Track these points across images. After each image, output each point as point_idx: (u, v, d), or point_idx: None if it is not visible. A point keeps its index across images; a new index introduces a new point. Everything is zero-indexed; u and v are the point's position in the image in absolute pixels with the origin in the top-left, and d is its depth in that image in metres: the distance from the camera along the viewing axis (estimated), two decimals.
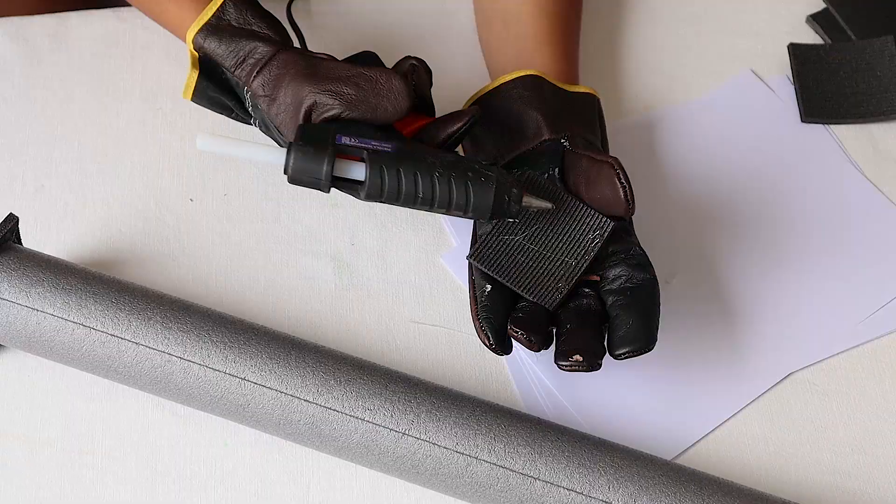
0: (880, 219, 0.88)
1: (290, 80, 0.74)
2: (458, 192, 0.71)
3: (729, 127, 0.92)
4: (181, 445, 0.77)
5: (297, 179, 0.71)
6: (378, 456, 0.72)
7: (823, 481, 0.77)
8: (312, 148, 0.70)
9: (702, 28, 0.97)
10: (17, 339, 0.75)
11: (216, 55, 0.76)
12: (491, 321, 0.73)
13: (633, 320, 0.73)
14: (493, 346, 0.73)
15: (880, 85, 0.93)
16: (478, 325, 0.74)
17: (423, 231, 0.86)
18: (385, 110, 0.73)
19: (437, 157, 0.72)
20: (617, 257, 0.76)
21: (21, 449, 0.76)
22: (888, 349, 0.83)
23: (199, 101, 0.79)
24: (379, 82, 0.73)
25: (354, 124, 0.73)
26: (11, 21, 0.93)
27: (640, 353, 0.72)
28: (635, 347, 0.72)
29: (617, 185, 0.74)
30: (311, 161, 0.70)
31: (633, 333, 0.72)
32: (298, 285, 0.83)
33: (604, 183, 0.75)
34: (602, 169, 0.75)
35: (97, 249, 0.84)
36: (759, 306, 0.83)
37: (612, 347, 0.73)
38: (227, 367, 0.73)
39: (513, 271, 0.75)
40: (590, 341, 0.73)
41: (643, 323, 0.73)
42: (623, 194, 0.74)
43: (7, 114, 0.89)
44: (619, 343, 0.72)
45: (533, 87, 0.82)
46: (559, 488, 0.70)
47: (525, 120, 0.81)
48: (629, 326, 0.72)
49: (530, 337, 0.72)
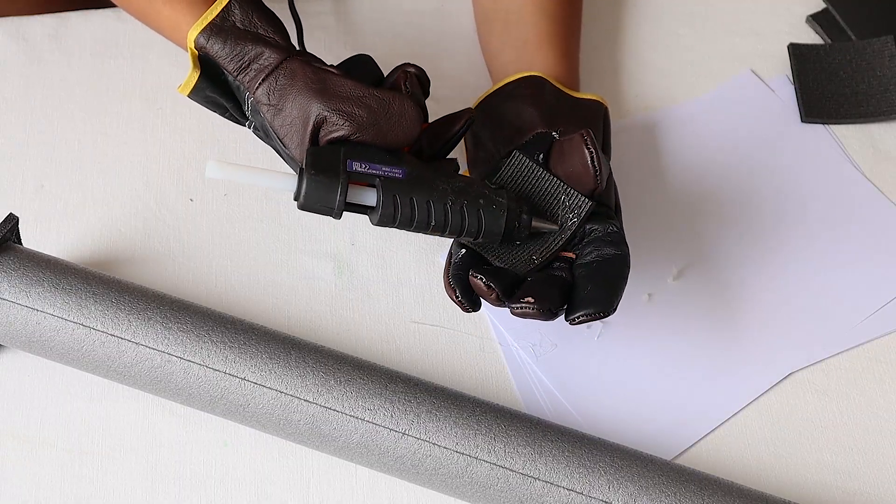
0: (880, 219, 0.88)
1: (298, 93, 0.73)
2: (470, 220, 0.71)
3: (729, 127, 0.92)
4: (181, 445, 0.77)
5: (309, 207, 0.70)
6: (378, 456, 0.72)
7: (823, 481, 0.77)
8: (324, 177, 0.69)
9: (702, 28, 0.97)
10: (17, 339, 0.75)
11: (218, 57, 0.75)
12: (460, 277, 0.73)
13: (591, 286, 0.72)
14: (460, 301, 0.72)
15: (880, 85, 0.93)
16: (447, 281, 0.73)
17: None
18: (395, 136, 0.72)
19: (448, 184, 0.71)
20: (594, 235, 0.75)
21: (21, 449, 0.76)
22: (888, 349, 0.83)
23: (195, 97, 0.78)
24: (392, 107, 0.72)
25: (363, 147, 0.72)
26: (11, 21, 0.93)
27: (595, 317, 0.71)
28: (591, 310, 0.71)
29: (585, 155, 0.73)
30: (323, 190, 0.69)
31: (590, 297, 0.71)
32: (298, 285, 0.83)
33: (575, 155, 0.74)
34: (573, 141, 0.75)
35: (97, 249, 0.84)
36: (758, 306, 0.83)
37: (569, 312, 0.72)
38: (227, 367, 0.73)
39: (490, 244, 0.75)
40: (546, 290, 0.71)
41: (602, 289, 0.71)
42: (589, 160, 0.73)
43: (7, 114, 0.89)
44: (575, 306, 0.71)
45: (534, 87, 0.82)
46: (559, 488, 0.70)
47: (522, 115, 0.81)
48: (587, 291, 0.71)
49: (490, 283, 0.71)
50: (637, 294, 0.83)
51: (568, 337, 0.81)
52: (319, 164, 0.69)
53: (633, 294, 0.83)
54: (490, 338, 0.82)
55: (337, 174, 0.69)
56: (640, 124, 0.92)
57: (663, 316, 0.83)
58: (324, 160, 0.70)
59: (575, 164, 0.75)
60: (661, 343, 0.82)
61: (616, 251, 0.73)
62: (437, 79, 0.92)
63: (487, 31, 0.90)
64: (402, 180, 0.70)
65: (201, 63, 0.76)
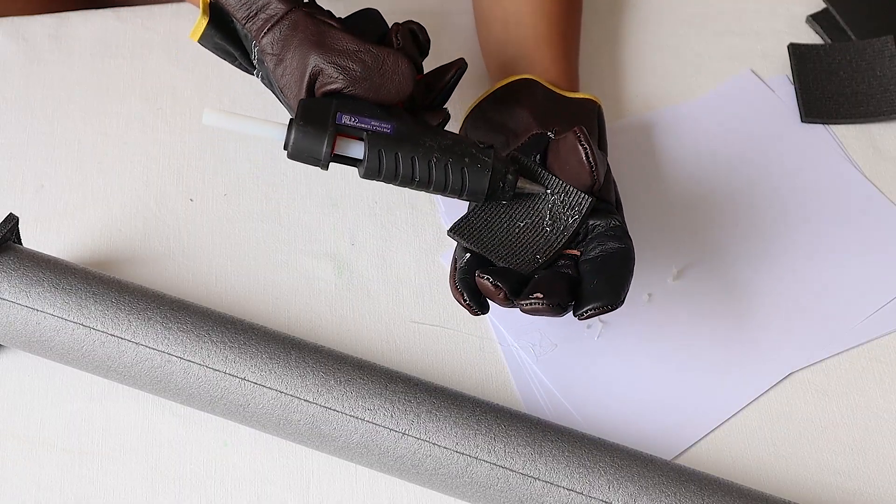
0: (880, 219, 0.88)
1: (299, 44, 0.74)
2: (454, 177, 0.72)
3: (729, 127, 0.92)
4: (181, 445, 0.77)
5: (297, 157, 0.71)
6: (378, 456, 0.72)
7: (823, 481, 0.77)
8: (312, 128, 0.71)
9: (702, 28, 0.97)
10: (17, 339, 0.75)
11: (228, 4, 0.75)
12: (467, 282, 0.72)
13: (597, 280, 0.71)
14: (468, 304, 0.72)
15: (880, 85, 0.93)
16: (454, 286, 0.73)
17: (423, 231, 0.86)
18: (388, 91, 0.73)
19: (435, 140, 0.72)
20: (597, 231, 0.75)
21: (21, 449, 0.76)
22: (888, 349, 0.83)
23: (205, 44, 0.78)
24: (386, 63, 0.73)
25: (355, 101, 0.73)
26: (11, 21, 0.93)
27: (604, 310, 0.70)
28: (599, 303, 0.70)
29: (580, 152, 0.73)
30: (311, 141, 0.71)
31: (597, 291, 0.71)
32: (298, 285, 0.83)
33: (570, 153, 0.74)
34: (567, 139, 0.75)
35: (97, 249, 0.84)
36: (758, 306, 0.83)
37: (577, 307, 0.71)
38: (227, 367, 0.73)
39: (492, 244, 0.74)
40: (554, 285, 0.71)
41: (609, 282, 0.71)
42: (584, 156, 0.73)
43: (7, 114, 0.89)
44: (583, 301, 0.71)
45: (525, 89, 0.82)
46: (559, 488, 0.70)
47: (515, 118, 0.81)
48: (594, 285, 0.71)
49: (497, 282, 0.71)
50: (637, 294, 0.83)
51: (568, 337, 0.81)
52: (309, 116, 0.71)
53: (633, 294, 0.83)
54: (490, 338, 0.82)
55: (325, 126, 0.71)
56: (640, 124, 0.92)
57: (663, 316, 0.83)
58: (315, 112, 0.72)
59: (571, 162, 0.75)
60: (662, 343, 0.82)
61: (620, 245, 0.73)
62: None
63: (486, 33, 0.90)
64: (390, 136, 0.72)
65: (211, 10, 0.76)
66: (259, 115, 0.81)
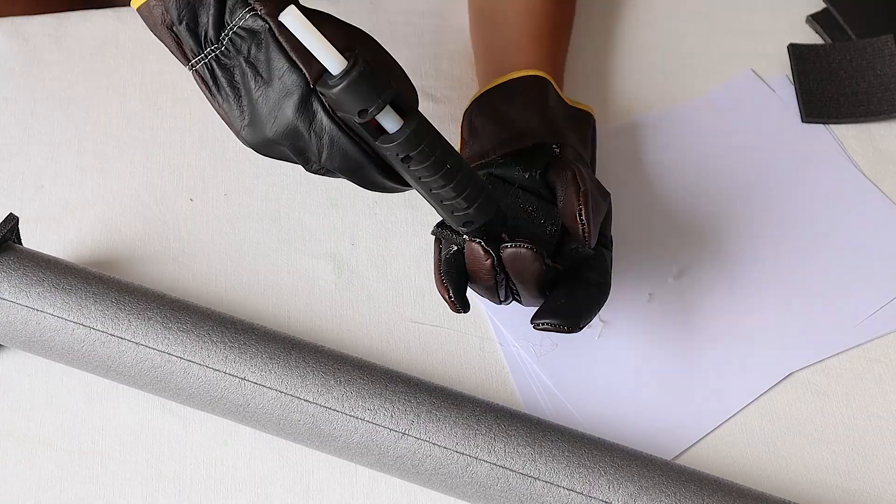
0: (880, 219, 0.88)
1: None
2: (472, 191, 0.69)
3: (729, 127, 0.92)
4: (181, 445, 0.77)
5: (346, 94, 0.63)
6: (378, 456, 0.72)
7: (823, 481, 0.77)
8: (377, 78, 0.64)
9: (702, 28, 0.97)
10: (17, 339, 0.75)
11: None
12: (452, 276, 0.73)
13: (566, 300, 0.72)
14: (453, 301, 0.72)
15: (881, 84, 0.93)
16: (439, 280, 0.73)
17: (423, 231, 0.86)
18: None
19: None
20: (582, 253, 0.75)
21: (21, 449, 0.76)
22: (888, 349, 0.83)
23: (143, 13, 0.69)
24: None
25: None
26: (11, 21, 0.93)
27: (559, 330, 0.71)
28: (556, 322, 0.71)
29: (577, 218, 0.73)
30: (369, 86, 0.63)
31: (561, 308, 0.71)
32: (298, 285, 0.83)
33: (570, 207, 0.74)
34: (570, 196, 0.74)
35: (97, 249, 0.84)
36: (759, 306, 0.83)
37: (537, 315, 0.72)
38: (227, 367, 0.73)
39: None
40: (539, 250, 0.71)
41: (575, 307, 0.72)
42: (581, 231, 0.73)
43: (7, 114, 0.89)
44: (544, 312, 0.71)
45: (538, 89, 0.82)
46: (559, 488, 0.70)
47: (524, 119, 0.80)
48: (560, 303, 0.72)
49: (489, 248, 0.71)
50: (638, 294, 0.83)
51: (568, 337, 0.81)
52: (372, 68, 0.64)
53: (634, 294, 0.83)
54: (490, 338, 0.82)
55: (388, 83, 0.65)
56: (640, 124, 0.92)
57: (664, 316, 0.83)
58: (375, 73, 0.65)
59: (568, 212, 0.74)
60: (662, 343, 0.82)
61: (600, 279, 0.74)
62: (437, 79, 0.92)
63: (476, 35, 0.90)
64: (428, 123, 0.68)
65: None
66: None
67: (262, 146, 0.69)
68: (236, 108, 0.68)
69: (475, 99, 0.83)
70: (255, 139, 0.68)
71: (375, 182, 0.69)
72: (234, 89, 0.68)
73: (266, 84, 0.67)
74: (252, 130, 0.68)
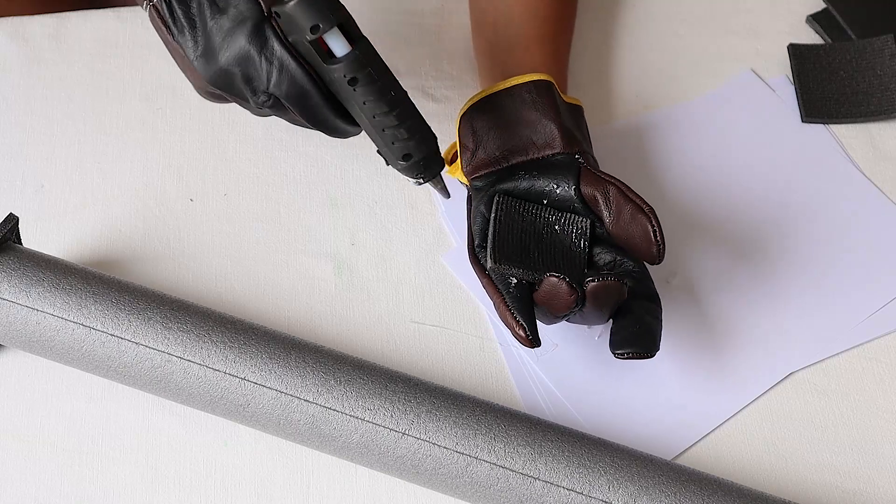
0: (881, 219, 0.88)
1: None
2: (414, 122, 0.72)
3: (729, 127, 0.92)
4: (181, 445, 0.77)
5: (299, 12, 0.67)
6: (378, 456, 0.72)
7: (823, 481, 0.77)
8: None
9: (702, 28, 0.97)
10: (17, 339, 0.75)
11: None
12: (523, 311, 0.73)
13: (639, 326, 0.73)
14: (529, 339, 0.72)
15: (881, 83, 0.93)
16: (512, 319, 0.73)
17: (423, 231, 0.86)
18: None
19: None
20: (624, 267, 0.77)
21: (21, 449, 0.76)
22: (888, 349, 0.83)
23: None
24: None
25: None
26: (11, 21, 0.93)
27: (640, 357, 0.73)
28: (637, 350, 0.73)
29: (651, 240, 0.74)
30: (325, 2, 0.67)
31: (635, 337, 0.73)
32: (298, 285, 0.83)
33: (634, 228, 0.75)
34: (636, 216, 0.75)
35: (97, 249, 0.84)
36: (758, 306, 0.83)
37: (617, 345, 0.73)
38: (227, 367, 0.73)
39: (537, 265, 0.75)
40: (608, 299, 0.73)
41: (647, 334, 0.73)
42: (656, 251, 0.74)
43: (7, 114, 0.89)
44: (623, 342, 0.73)
45: (546, 94, 0.81)
46: (559, 488, 0.70)
47: (538, 128, 0.80)
48: (635, 329, 0.73)
49: (572, 283, 0.72)
50: None
51: (569, 337, 0.81)
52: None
53: None
54: (490, 338, 0.82)
55: (340, 6, 0.69)
56: (639, 124, 0.92)
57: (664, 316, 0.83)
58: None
59: (631, 234, 0.76)
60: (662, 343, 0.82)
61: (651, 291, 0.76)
62: (438, 79, 0.92)
63: (478, 34, 0.90)
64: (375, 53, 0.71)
65: None
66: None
67: (213, 76, 0.70)
68: (190, 39, 0.71)
69: (477, 102, 0.82)
70: (208, 69, 0.70)
71: (318, 115, 0.71)
72: (189, 20, 0.70)
73: (221, 13, 0.69)
74: (204, 61, 0.70)
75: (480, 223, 0.78)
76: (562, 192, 0.78)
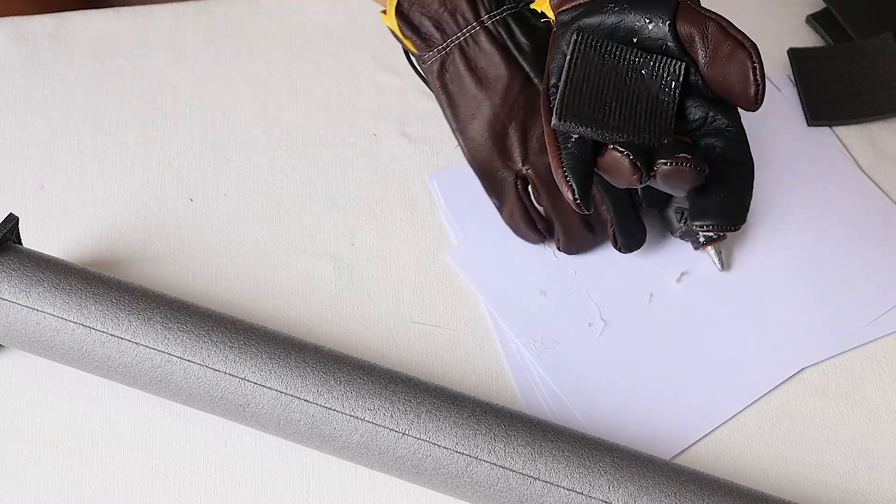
0: (884, 220, 0.88)
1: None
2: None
3: None
4: (181, 445, 0.77)
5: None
6: (378, 456, 0.72)
7: (823, 481, 0.77)
8: None
9: None
10: (17, 339, 0.75)
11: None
12: (576, 170, 0.65)
13: (723, 194, 0.66)
14: (576, 199, 0.66)
15: (882, 83, 0.93)
16: (561, 174, 0.65)
17: (423, 231, 0.86)
18: None
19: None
20: (716, 124, 0.69)
21: (21, 449, 0.76)
22: (888, 349, 0.83)
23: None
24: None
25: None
26: (11, 21, 0.93)
27: (723, 229, 0.67)
28: (720, 221, 0.67)
29: (750, 79, 0.66)
30: None
31: (719, 206, 0.66)
32: (298, 285, 0.83)
33: (732, 67, 0.67)
34: (735, 52, 0.66)
35: (97, 249, 0.84)
36: (762, 307, 0.83)
37: (695, 216, 0.67)
38: (227, 367, 0.73)
39: (609, 123, 0.66)
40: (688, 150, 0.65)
41: (731, 201, 0.66)
42: (754, 93, 0.66)
43: (7, 114, 0.89)
44: (704, 213, 0.66)
45: None
46: (559, 488, 0.70)
47: None
48: (718, 198, 0.66)
49: (636, 161, 0.64)
50: (639, 294, 0.83)
51: (569, 335, 0.81)
52: None
53: (635, 294, 0.83)
54: (490, 338, 0.82)
55: None
56: None
57: (665, 315, 0.83)
58: None
59: (728, 76, 0.67)
60: (663, 343, 0.82)
61: (742, 156, 0.69)
62: None
63: None
64: None
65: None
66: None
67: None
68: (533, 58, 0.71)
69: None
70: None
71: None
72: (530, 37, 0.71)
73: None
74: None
75: (560, 61, 0.69)
76: (654, 30, 0.69)
